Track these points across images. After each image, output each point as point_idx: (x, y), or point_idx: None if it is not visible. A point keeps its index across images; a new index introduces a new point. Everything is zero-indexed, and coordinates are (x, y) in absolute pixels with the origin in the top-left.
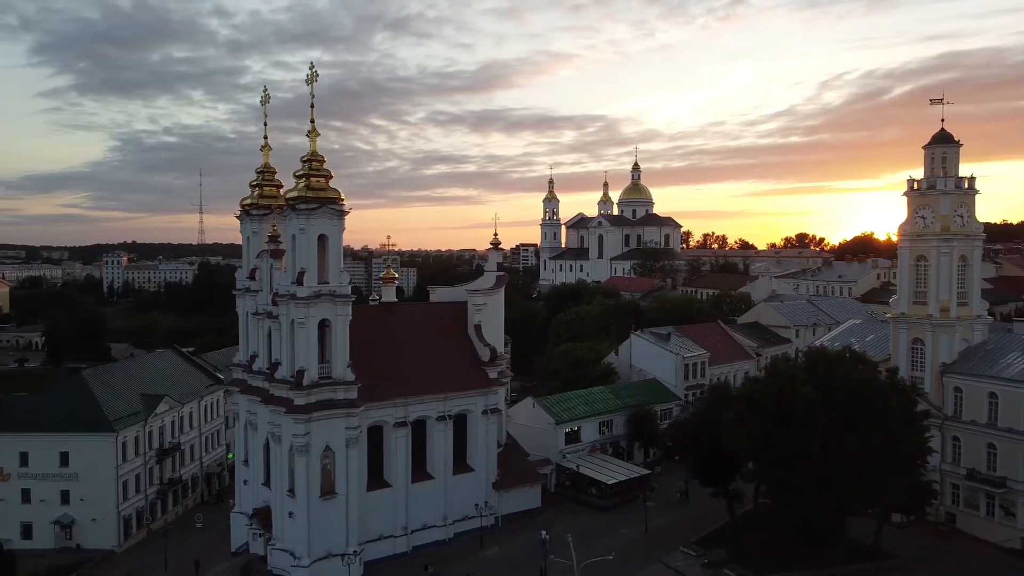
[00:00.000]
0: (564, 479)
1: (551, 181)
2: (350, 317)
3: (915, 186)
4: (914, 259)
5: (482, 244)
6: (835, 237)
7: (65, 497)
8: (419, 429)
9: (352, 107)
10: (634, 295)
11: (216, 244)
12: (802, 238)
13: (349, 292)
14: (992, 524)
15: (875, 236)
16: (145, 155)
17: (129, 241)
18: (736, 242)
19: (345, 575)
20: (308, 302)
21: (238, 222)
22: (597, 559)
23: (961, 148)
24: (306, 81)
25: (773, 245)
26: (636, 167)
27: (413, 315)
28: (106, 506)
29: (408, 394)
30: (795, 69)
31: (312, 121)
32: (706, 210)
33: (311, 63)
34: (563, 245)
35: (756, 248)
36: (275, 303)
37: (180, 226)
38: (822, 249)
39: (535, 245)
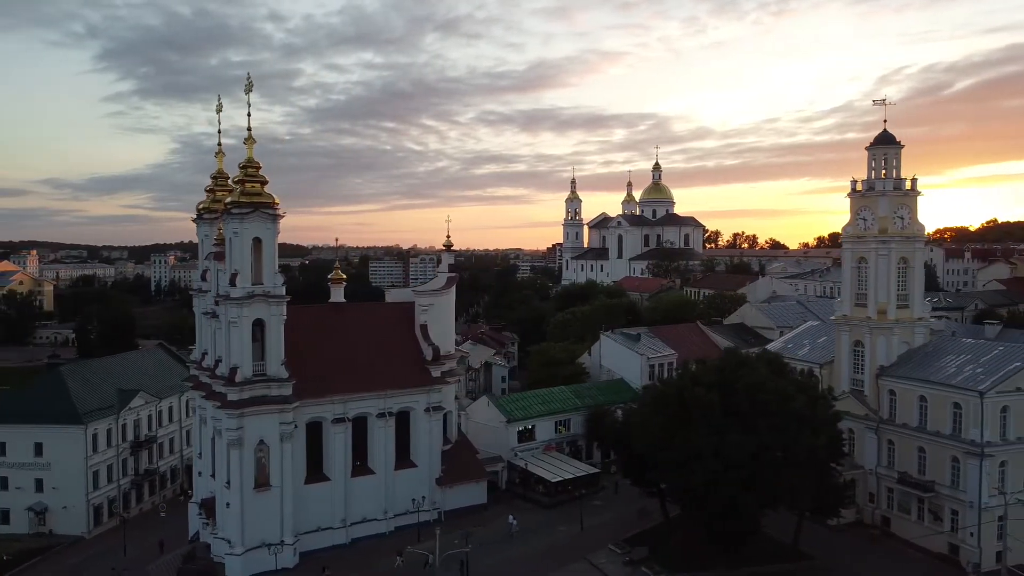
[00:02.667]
0: (515, 476)
1: (573, 181)
2: (284, 317)
3: (857, 187)
4: (855, 261)
5: (529, 244)
6: None
7: (39, 485)
8: (362, 425)
9: (403, 108)
10: (642, 295)
11: None
12: (835, 237)
13: (283, 293)
14: (922, 528)
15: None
16: (204, 157)
17: (186, 241)
18: (767, 242)
19: (279, 563)
20: (241, 302)
21: (288, 222)
22: (455, 551)
23: (903, 149)
24: (244, 91)
25: (806, 245)
26: (657, 167)
27: (360, 315)
28: (76, 494)
29: (347, 391)
30: (852, 64)
31: (248, 129)
32: (762, 209)
33: (247, 74)
34: (585, 245)
35: (787, 247)
36: (217, 303)
37: None
38: None
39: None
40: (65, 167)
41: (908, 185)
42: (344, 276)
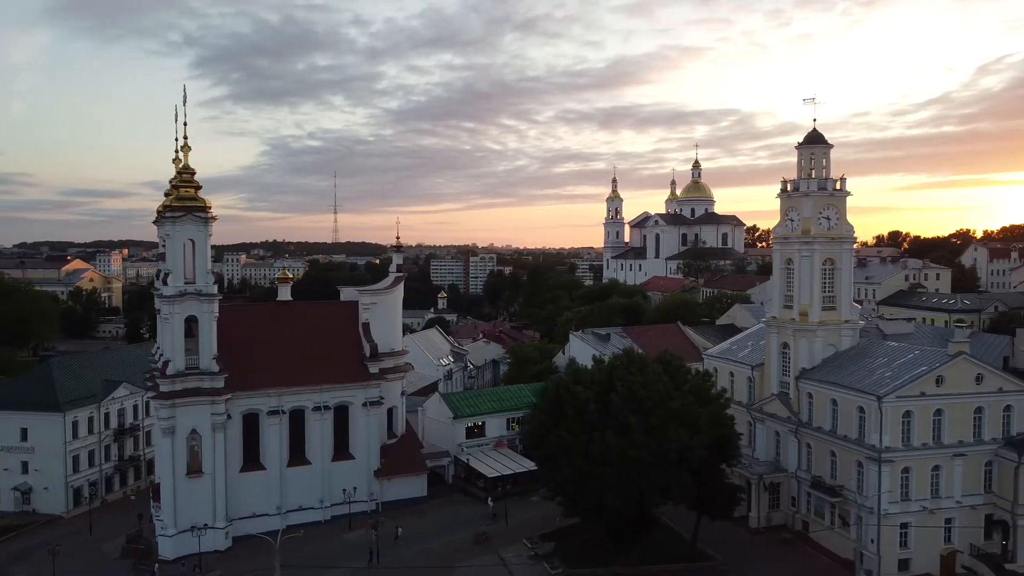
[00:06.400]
0: (460, 471)
1: (614, 180)
2: (216, 314)
3: (787, 187)
4: (784, 262)
5: (601, 242)
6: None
7: (24, 467)
8: (300, 417)
9: (482, 108)
10: (664, 295)
11: (348, 242)
12: (895, 236)
13: (215, 292)
14: (833, 533)
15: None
16: (291, 159)
17: (270, 240)
18: None
19: (209, 545)
20: (173, 300)
21: (370, 222)
22: (290, 536)
23: (831, 150)
24: (183, 101)
25: (864, 244)
26: (696, 165)
27: (304, 313)
28: (56, 477)
29: (281, 385)
30: (948, 54)
31: (185, 137)
32: (849, 206)
33: (183, 86)
34: (627, 243)
35: None
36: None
37: (319, 225)
38: (906, 248)
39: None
40: (165, 170)
41: (837, 186)
42: (290, 276)
